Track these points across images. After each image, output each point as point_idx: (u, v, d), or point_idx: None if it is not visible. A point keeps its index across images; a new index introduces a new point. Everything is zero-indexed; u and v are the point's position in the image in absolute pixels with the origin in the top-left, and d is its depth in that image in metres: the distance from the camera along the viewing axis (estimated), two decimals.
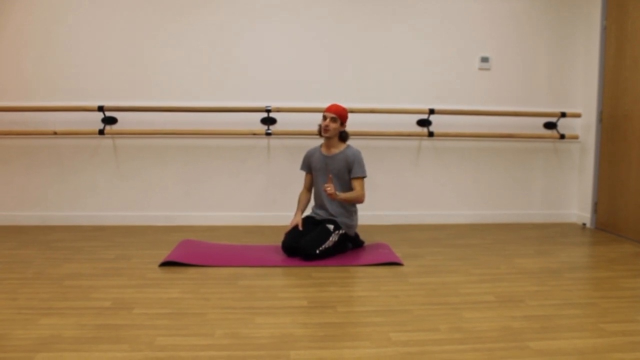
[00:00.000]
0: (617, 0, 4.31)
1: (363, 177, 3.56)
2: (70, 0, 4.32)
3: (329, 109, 3.54)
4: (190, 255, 3.40)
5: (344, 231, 3.51)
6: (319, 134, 3.59)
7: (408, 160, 4.62)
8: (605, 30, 4.46)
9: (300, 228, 3.54)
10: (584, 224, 4.68)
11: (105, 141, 4.42)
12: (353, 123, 4.50)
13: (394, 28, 4.54)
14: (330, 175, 3.49)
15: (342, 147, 3.61)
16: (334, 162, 3.57)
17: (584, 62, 4.71)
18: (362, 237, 3.93)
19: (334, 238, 3.44)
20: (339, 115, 3.54)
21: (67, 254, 3.48)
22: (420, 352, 2.07)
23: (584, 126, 4.72)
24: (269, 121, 4.42)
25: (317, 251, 3.35)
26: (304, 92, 4.48)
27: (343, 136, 3.62)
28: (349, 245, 3.62)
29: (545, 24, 4.67)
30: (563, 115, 4.61)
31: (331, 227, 3.46)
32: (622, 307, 2.59)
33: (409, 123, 4.58)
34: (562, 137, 4.65)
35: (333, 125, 3.52)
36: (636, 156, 4.09)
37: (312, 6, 4.46)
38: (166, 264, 3.26)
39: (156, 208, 4.48)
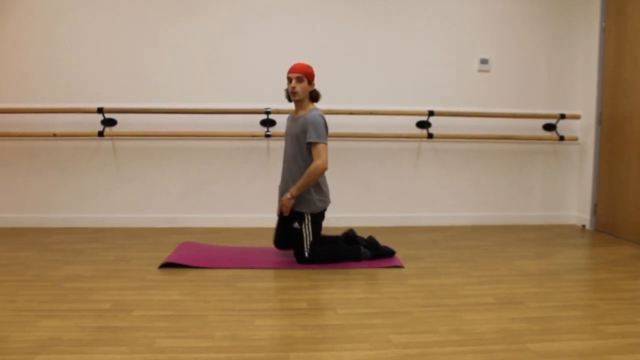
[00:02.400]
0: (616, 1, 4.31)
1: (318, 143, 3.19)
2: (70, 2, 4.32)
3: (292, 70, 3.24)
4: (190, 257, 3.40)
5: (309, 212, 3.30)
6: (288, 99, 3.32)
7: (408, 162, 4.62)
8: (604, 32, 4.46)
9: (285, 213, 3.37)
10: (584, 226, 4.68)
11: (105, 143, 4.43)
12: (353, 124, 4.51)
13: (393, 30, 4.54)
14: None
15: (309, 109, 3.31)
16: (296, 126, 3.28)
17: (583, 63, 4.72)
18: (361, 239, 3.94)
19: (307, 229, 3.30)
20: (305, 73, 3.24)
21: (66, 256, 3.48)
22: (419, 354, 2.07)
23: (584, 128, 4.72)
24: (268, 123, 4.42)
25: (306, 255, 3.30)
26: None
27: (314, 96, 3.31)
28: (367, 253, 3.39)
29: (544, 26, 4.68)
30: (562, 117, 4.62)
31: (297, 224, 3.34)
32: (621, 309, 2.59)
33: (409, 125, 4.58)
34: (562, 138, 4.65)
35: (300, 86, 3.24)
36: (636, 157, 4.09)
37: (311, 8, 4.47)
38: (166, 265, 3.26)
39: (156, 210, 4.48)
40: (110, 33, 4.36)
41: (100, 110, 4.26)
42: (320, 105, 4.46)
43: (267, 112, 4.34)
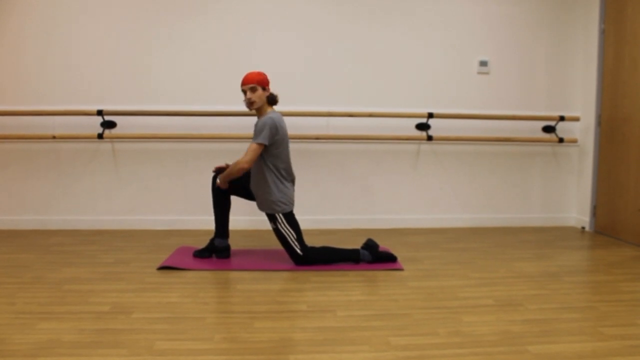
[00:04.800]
0: (615, 3, 4.32)
1: (253, 143, 3.19)
2: (70, 5, 4.33)
3: (244, 82, 3.25)
4: (189, 260, 3.41)
5: (278, 213, 3.28)
6: (249, 108, 3.32)
7: (407, 164, 4.62)
8: (603, 34, 4.47)
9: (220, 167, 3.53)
10: (583, 228, 4.68)
11: (104, 145, 4.43)
12: (352, 126, 4.51)
13: (393, 32, 4.55)
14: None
15: (266, 113, 3.29)
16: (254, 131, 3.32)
17: (582, 65, 4.72)
18: (361, 241, 3.93)
19: (285, 229, 3.29)
20: (257, 82, 3.25)
21: (65, 258, 3.48)
22: (419, 356, 2.07)
23: (583, 129, 4.72)
24: None
25: (299, 252, 3.30)
26: (302, 96, 4.48)
27: (270, 100, 3.32)
28: (366, 255, 3.38)
29: (543, 28, 4.69)
30: (562, 118, 4.62)
31: (272, 225, 3.33)
32: (621, 311, 2.59)
33: (408, 127, 4.58)
34: (561, 140, 4.66)
35: (255, 95, 3.25)
36: (635, 159, 4.09)
37: (310, 10, 4.47)
38: (164, 268, 3.25)
39: (155, 212, 4.47)
40: (109, 35, 4.37)
41: (99, 113, 4.26)
42: (320, 107, 4.47)
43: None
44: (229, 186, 3.42)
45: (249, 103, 3.27)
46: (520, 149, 4.75)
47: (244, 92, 3.28)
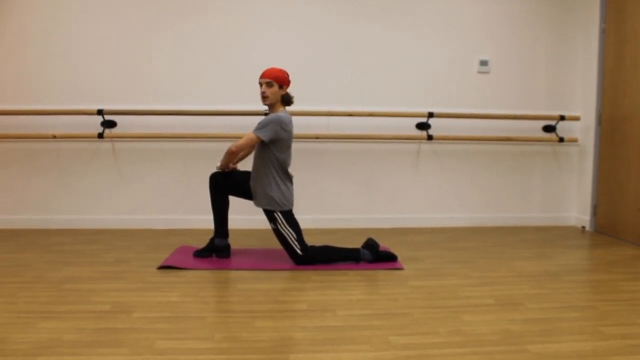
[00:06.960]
0: (616, 3, 4.32)
1: (254, 133, 3.22)
2: (70, 4, 4.33)
3: (263, 75, 3.30)
4: (189, 260, 3.41)
5: (278, 210, 3.29)
6: (263, 103, 3.35)
7: (407, 164, 4.63)
8: (604, 33, 4.47)
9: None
10: (584, 227, 4.68)
11: (105, 145, 4.43)
12: (353, 126, 4.51)
13: (393, 32, 4.55)
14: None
15: (278, 111, 3.34)
16: None
17: (583, 65, 4.72)
18: (361, 240, 3.93)
19: (285, 229, 3.29)
20: (274, 78, 3.28)
21: (66, 257, 3.48)
22: (419, 355, 2.07)
23: (584, 129, 4.72)
24: None
25: (299, 252, 3.30)
26: (302, 96, 4.47)
27: (286, 100, 3.36)
28: (367, 255, 3.38)
29: (544, 27, 4.69)
30: (562, 118, 4.62)
31: (272, 226, 3.33)
32: (621, 311, 2.59)
33: (409, 126, 4.58)
34: (562, 140, 4.66)
35: (270, 91, 3.28)
36: (636, 159, 4.09)
37: (311, 11, 4.47)
38: (165, 267, 3.25)
39: (155, 212, 4.48)
40: (110, 35, 4.37)
41: (100, 112, 4.26)
42: (321, 107, 4.47)
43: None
44: (228, 186, 3.43)
45: (263, 97, 3.33)
46: (520, 148, 4.75)
47: (260, 85, 3.33)
